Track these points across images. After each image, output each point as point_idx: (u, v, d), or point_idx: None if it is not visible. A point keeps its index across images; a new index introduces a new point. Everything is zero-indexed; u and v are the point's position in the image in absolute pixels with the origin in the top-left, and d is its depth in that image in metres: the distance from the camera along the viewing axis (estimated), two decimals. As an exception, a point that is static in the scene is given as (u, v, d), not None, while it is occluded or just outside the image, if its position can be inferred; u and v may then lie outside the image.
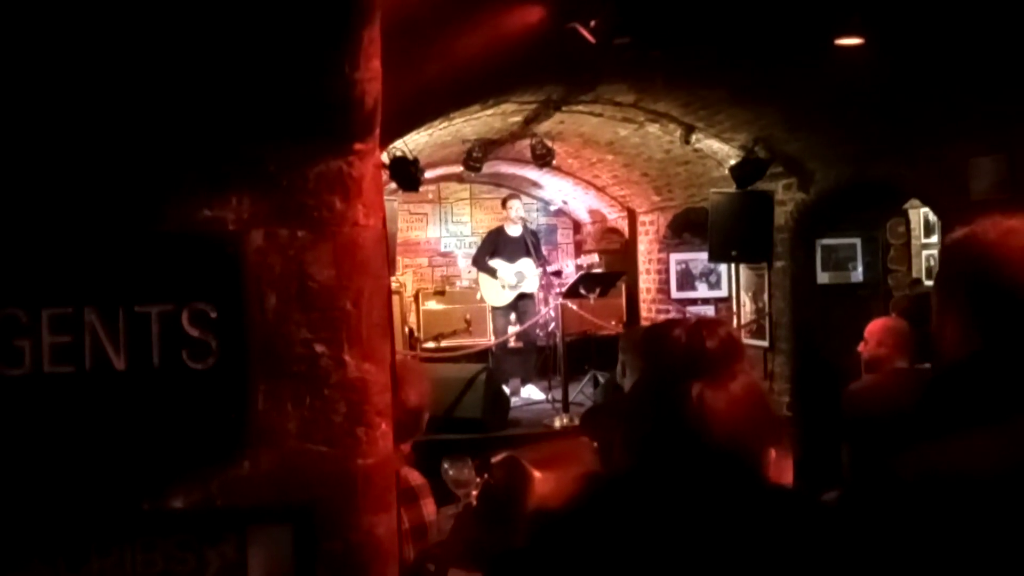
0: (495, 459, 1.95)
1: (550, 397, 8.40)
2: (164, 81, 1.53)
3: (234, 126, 1.57)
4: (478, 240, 10.86)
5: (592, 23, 4.72)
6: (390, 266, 6.21)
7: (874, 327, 4.57)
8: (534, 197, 12.27)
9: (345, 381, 1.57)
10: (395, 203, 8.37)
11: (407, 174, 7.34)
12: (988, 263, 1.62)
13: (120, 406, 1.49)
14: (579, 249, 12.43)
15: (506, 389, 8.97)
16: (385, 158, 7.00)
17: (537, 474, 1.84)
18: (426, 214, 12.22)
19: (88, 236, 1.51)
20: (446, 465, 3.17)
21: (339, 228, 1.59)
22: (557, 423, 7.44)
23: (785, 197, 7.64)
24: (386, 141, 6.14)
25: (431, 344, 9.65)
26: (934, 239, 9.04)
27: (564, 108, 7.35)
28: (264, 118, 1.57)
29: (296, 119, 1.57)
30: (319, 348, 1.57)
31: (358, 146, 1.62)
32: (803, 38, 4.98)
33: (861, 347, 4.53)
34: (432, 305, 10.44)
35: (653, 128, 7.72)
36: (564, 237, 12.72)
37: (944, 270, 1.78)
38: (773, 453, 1.56)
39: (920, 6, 4.37)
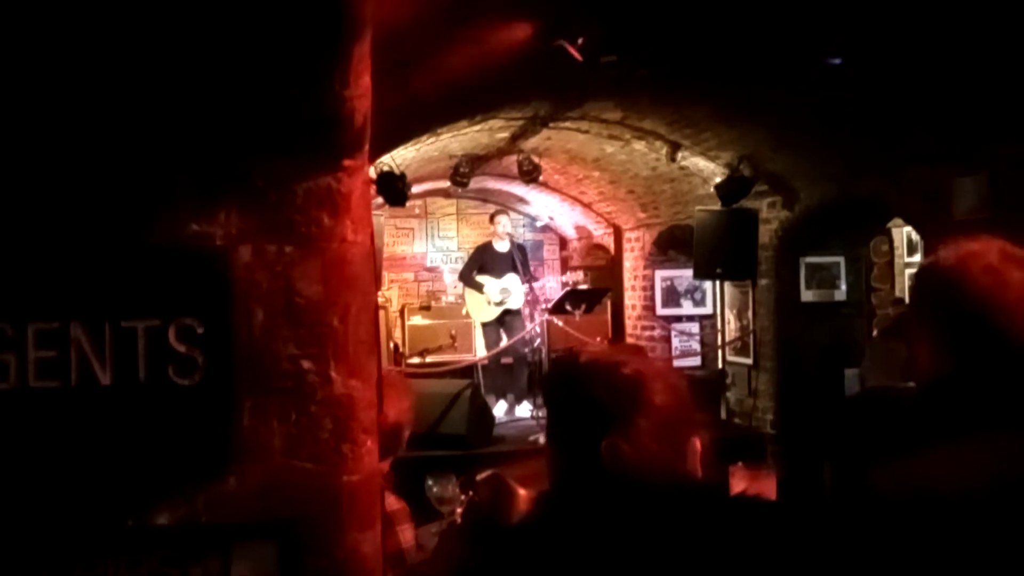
0: (480, 477, 1.95)
1: (535, 414, 8.39)
2: (153, 94, 1.53)
3: (223, 141, 1.57)
4: (464, 255, 10.86)
5: (579, 41, 4.75)
6: (376, 281, 6.20)
7: None
8: (521, 213, 12.29)
9: (331, 398, 1.57)
10: (381, 218, 8.37)
11: (394, 189, 7.35)
12: (952, 288, 1.65)
13: (105, 422, 1.48)
14: (565, 265, 12.45)
15: (503, 404, 8.94)
16: (372, 173, 7.00)
17: (522, 492, 1.84)
18: (412, 229, 12.22)
19: (75, 250, 1.51)
20: (430, 482, 3.17)
21: (327, 244, 1.60)
22: (541, 440, 7.43)
23: (770, 215, 7.68)
24: (374, 156, 6.14)
25: (416, 359, 9.62)
26: (917, 258, 9.10)
27: (551, 125, 7.38)
28: (254, 133, 1.57)
29: (286, 135, 1.58)
30: (306, 364, 1.56)
31: (347, 162, 1.63)
32: (788, 58, 5.02)
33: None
34: (418, 320, 10.43)
35: (639, 145, 7.76)
36: (550, 253, 12.74)
37: (915, 296, 1.82)
38: (698, 444, 1.60)
39: (903, 27, 4.42)
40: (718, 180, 7.54)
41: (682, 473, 1.57)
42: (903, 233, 9.31)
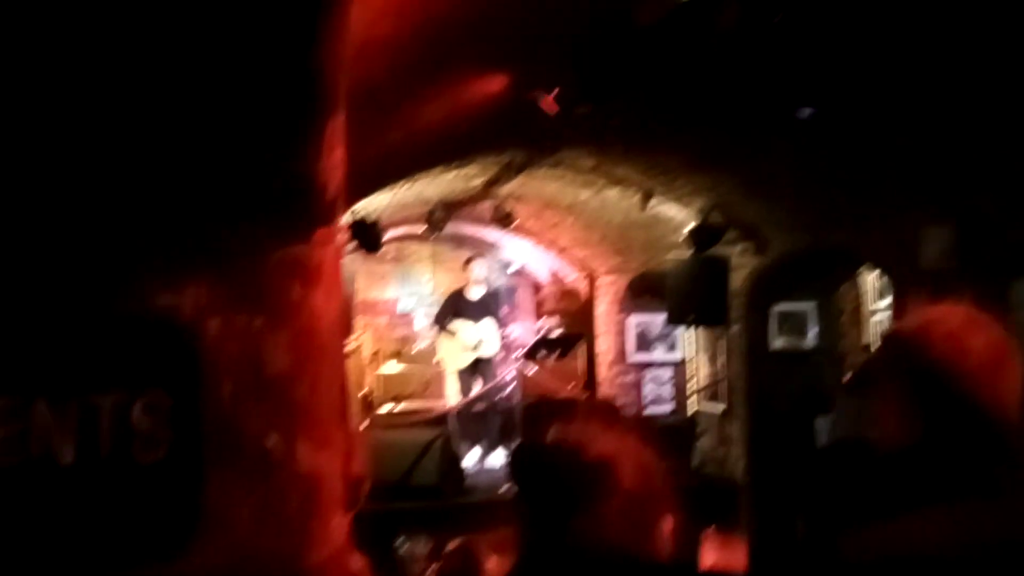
0: (449, 547, 1.93)
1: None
2: (123, 165, 1.52)
3: (194, 212, 1.56)
4: (439, 300, 10.82)
5: (554, 92, 4.79)
6: (347, 329, 6.13)
7: None
8: (495, 258, 12.28)
9: (298, 472, 1.55)
10: (354, 263, 8.32)
11: (367, 236, 7.32)
12: (914, 356, 1.67)
13: (66, 500, 1.45)
14: (539, 310, 12.43)
15: (477, 451, 8.81)
16: (347, 218, 6.98)
17: (491, 563, 1.82)
18: (386, 274, 12.17)
19: (40, 323, 1.48)
20: (400, 540, 3.13)
21: (296, 316, 1.59)
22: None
23: (741, 262, 7.74)
24: (348, 203, 6.12)
25: (388, 406, 9.51)
26: (885, 303, 9.16)
27: (526, 171, 7.41)
28: (225, 204, 1.57)
29: (257, 206, 1.57)
30: (273, 438, 1.55)
31: (319, 233, 1.62)
32: (760, 109, 5.08)
33: None
34: (391, 366, 10.34)
35: (612, 192, 7.81)
36: (524, 298, 12.72)
37: (880, 362, 1.84)
38: (669, 523, 1.59)
39: (874, 80, 4.49)
40: (690, 227, 7.59)
41: (647, 553, 1.56)
42: (870, 279, 9.38)
